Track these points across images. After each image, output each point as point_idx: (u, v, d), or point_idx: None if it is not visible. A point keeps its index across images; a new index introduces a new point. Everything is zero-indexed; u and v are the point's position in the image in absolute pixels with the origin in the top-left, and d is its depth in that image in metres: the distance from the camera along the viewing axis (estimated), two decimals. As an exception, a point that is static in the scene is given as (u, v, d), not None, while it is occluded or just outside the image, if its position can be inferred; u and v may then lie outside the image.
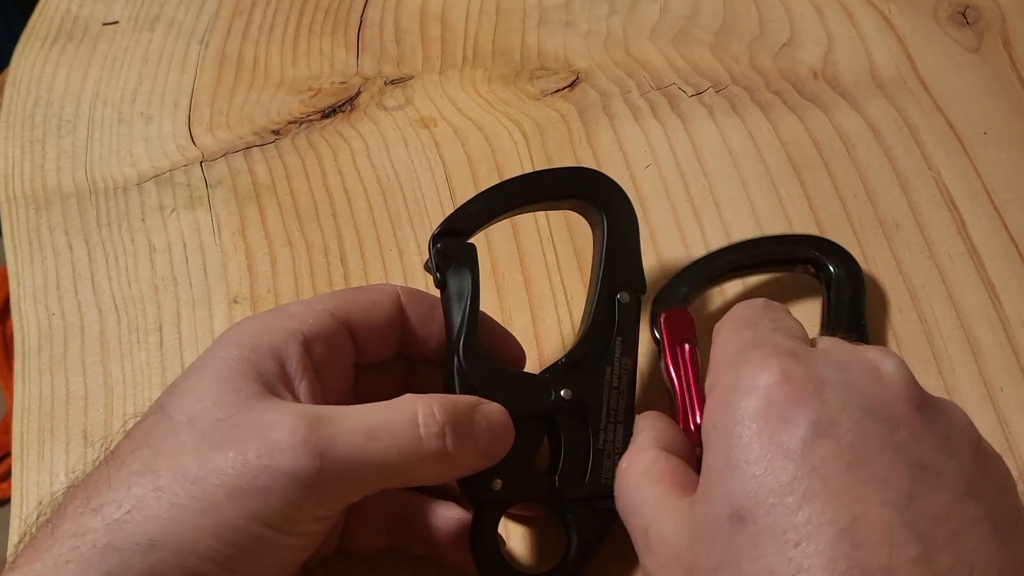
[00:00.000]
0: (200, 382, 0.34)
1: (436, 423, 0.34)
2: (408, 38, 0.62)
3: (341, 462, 0.32)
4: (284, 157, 0.56)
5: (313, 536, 0.34)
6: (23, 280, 0.53)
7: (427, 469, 0.34)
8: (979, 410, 0.43)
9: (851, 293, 0.44)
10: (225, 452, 0.32)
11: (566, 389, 0.38)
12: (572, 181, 0.42)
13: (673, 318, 0.42)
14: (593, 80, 0.57)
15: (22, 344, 0.50)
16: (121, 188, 0.56)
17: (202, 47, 0.63)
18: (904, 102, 0.53)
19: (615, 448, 0.38)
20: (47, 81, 0.62)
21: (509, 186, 0.41)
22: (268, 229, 0.53)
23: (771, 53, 0.57)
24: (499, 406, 0.37)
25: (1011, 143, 0.51)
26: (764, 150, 0.52)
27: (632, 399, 0.39)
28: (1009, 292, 0.46)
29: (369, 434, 0.33)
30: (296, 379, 0.35)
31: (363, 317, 0.38)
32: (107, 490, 0.31)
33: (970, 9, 0.57)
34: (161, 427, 0.33)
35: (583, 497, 0.38)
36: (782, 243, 0.47)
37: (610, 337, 0.39)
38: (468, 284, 0.38)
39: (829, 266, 0.45)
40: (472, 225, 0.40)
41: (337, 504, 0.33)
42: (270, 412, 0.33)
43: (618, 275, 0.40)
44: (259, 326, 0.36)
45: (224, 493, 0.31)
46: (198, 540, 0.30)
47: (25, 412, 0.48)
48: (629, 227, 0.41)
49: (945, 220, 0.49)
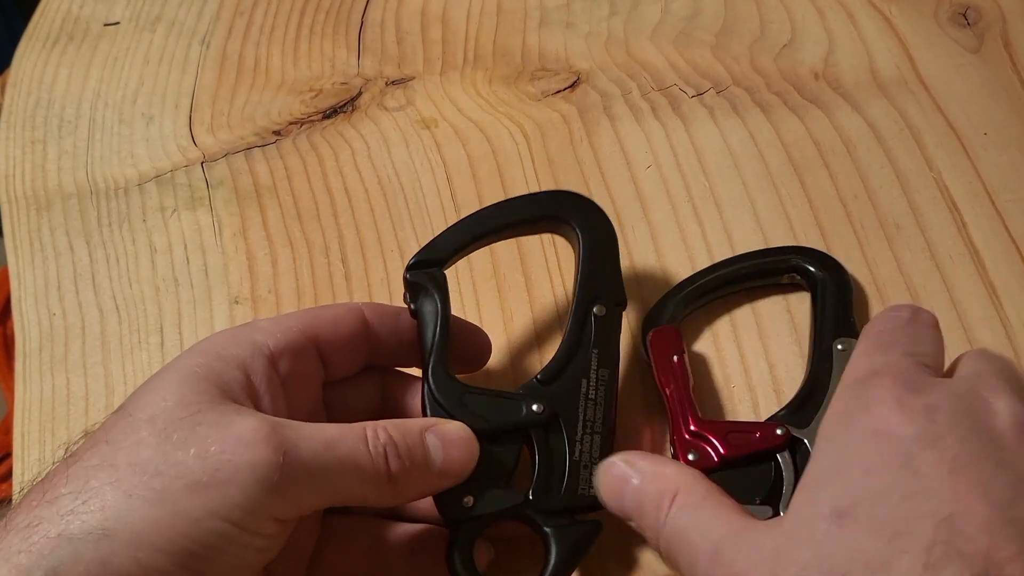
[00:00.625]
0: (163, 384, 0.34)
1: (381, 444, 0.34)
2: (409, 39, 0.62)
3: (302, 464, 0.32)
4: (285, 158, 0.56)
5: (270, 540, 0.33)
6: (24, 280, 0.53)
7: (381, 489, 0.35)
8: (980, 411, 0.43)
9: (836, 293, 0.45)
10: (186, 447, 0.32)
11: (538, 403, 0.39)
12: (544, 205, 0.43)
13: (660, 334, 0.43)
14: (594, 81, 0.57)
15: (23, 344, 0.50)
16: (122, 188, 0.56)
17: (203, 48, 0.63)
18: (905, 103, 0.53)
19: (592, 459, 0.39)
20: (48, 82, 0.63)
21: (482, 216, 0.42)
22: (269, 230, 0.53)
23: (772, 54, 0.57)
24: (458, 424, 0.37)
25: (1012, 144, 0.51)
26: (765, 151, 0.52)
27: (611, 409, 0.40)
28: (1010, 293, 0.46)
29: (327, 444, 0.33)
30: (261, 391, 0.35)
31: (330, 332, 0.38)
32: (63, 484, 0.31)
33: (971, 10, 0.57)
34: (121, 425, 0.33)
35: (559, 509, 0.38)
36: (766, 256, 0.47)
37: (587, 350, 0.40)
38: (437, 309, 0.39)
39: (813, 271, 0.46)
40: (444, 255, 0.41)
41: (295, 507, 0.33)
42: (232, 413, 0.33)
43: (595, 289, 0.41)
44: (226, 338, 0.36)
45: (183, 485, 0.31)
46: (153, 531, 0.30)
47: (26, 412, 0.48)
48: (605, 243, 0.42)
49: (946, 221, 0.49)
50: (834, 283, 0.45)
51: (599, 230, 0.42)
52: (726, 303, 0.47)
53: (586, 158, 0.53)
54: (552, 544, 0.37)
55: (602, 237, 0.42)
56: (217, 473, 0.31)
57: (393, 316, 0.40)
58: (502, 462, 0.38)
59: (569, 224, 0.42)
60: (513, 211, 0.43)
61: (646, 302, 0.46)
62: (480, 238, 0.42)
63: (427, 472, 0.36)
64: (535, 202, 0.43)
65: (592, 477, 0.38)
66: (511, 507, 0.38)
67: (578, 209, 0.43)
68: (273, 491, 0.32)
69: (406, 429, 0.36)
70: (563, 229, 0.43)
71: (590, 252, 0.42)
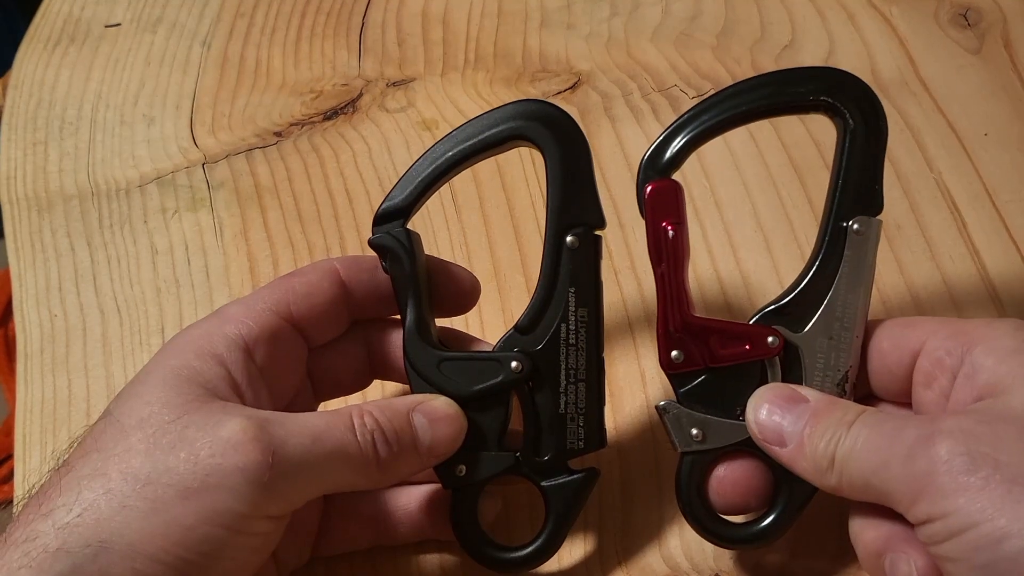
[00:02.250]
0: (147, 388, 0.34)
1: (368, 431, 0.34)
2: (410, 40, 0.62)
3: (291, 461, 0.32)
4: (286, 159, 0.56)
5: (265, 538, 0.34)
6: (25, 282, 0.53)
7: (370, 475, 0.35)
8: (981, 411, 0.43)
9: (867, 147, 0.37)
10: (176, 452, 0.32)
11: (517, 360, 0.37)
12: (503, 125, 0.38)
13: (658, 192, 0.37)
14: (595, 82, 0.57)
15: (24, 346, 0.50)
16: (123, 190, 0.56)
17: (204, 49, 0.63)
18: (905, 104, 0.53)
19: (578, 409, 0.38)
20: (49, 83, 0.63)
21: (439, 151, 0.38)
22: (270, 231, 0.53)
23: (773, 55, 0.57)
24: (444, 400, 0.37)
25: (1012, 144, 0.51)
26: (765, 152, 0.52)
27: (595, 352, 0.38)
28: (1010, 293, 0.46)
29: (315, 437, 0.33)
30: (243, 384, 0.35)
31: (304, 304, 0.38)
32: (57, 495, 0.31)
33: (971, 11, 0.57)
34: (110, 432, 0.33)
35: (548, 465, 0.38)
36: (789, 83, 0.38)
37: (564, 289, 0.37)
38: (406, 270, 0.37)
39: (846, 115, 0.37)
40: (408, 203, 0.38)
41: (288, 504, 0.34)
42: (219, 413, 0.33)
43: (568, 215, 0.37)
44: (200, 334, 0.36)
45: (175, 493, 0.31)
46: (148, 541, 0.30)
47: (27, 414, 0.48)
48: (576, 158, 0.37)
49: (946, 221, 0.49)
50: (866, 135, 0.37)
51: (567, 144, 0.37)
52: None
53: (587, 159, 0.53)
54: (549, 501, 0.38)
55: (571, 152, 0.37)
56: (208, 479, 0.31)
57: (370, 270, 0.39)
58: (490, 425, 0.38)
59: (534, 143, 0.38)
60: (470, 139, 0.38)
61: (648, 303, 0.46)
62: (441, 177, 0.38)
63: (415, 453, 0.36)
64: (493, 123, 0.38)
65: (580, 428, 0.38)
66: (504, 469, 0.38)
67: (540, 122, 0.37)
68: (264, 491, 0.32)
69: (392, 411, 0.35)
70: (529, 146, 0.38)
71: (558, 171, 0.37)
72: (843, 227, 0.36)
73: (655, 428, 0.43)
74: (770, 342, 0.36)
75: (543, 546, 0.38)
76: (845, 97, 0.37)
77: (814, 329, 0.36)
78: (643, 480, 0.42)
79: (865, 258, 0.36)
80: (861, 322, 0.36)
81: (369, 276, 0.39)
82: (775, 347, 0.36)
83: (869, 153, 0.37)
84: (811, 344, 0.36)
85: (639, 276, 0.48)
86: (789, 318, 0.37)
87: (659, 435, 0.43)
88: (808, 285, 0.37)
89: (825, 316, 0.36)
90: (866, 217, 0.36)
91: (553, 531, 0.38)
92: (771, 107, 0.38)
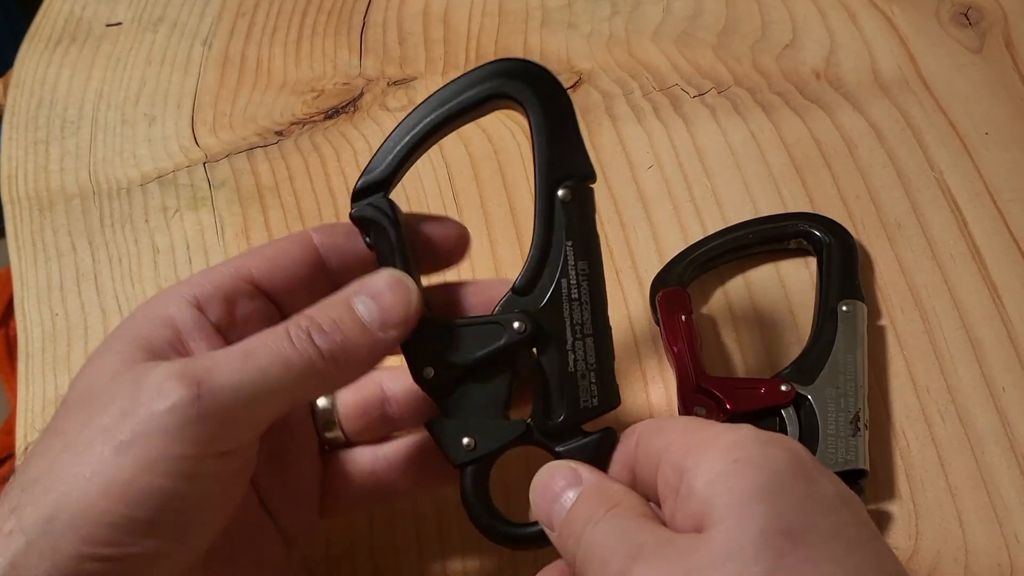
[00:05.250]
0: (93, 360, 0.34)
1: (303, 330, 0.33)
2: (411, 39, 0.62)
3: (223, 387, 0.31)
4: (287, 158, 0.56)
5: (223, 482, 0.32)
6: (27, 281, 0.53)
7: (323, 373, 0.33)
8: (981, 410, 0.43)
9: (842, 257, 0.46)
10: (107, 410, 0.31)
11: (519, 321, 0.35)
12: (481, 86, 0.36)
13: (668, 296, 0.44)
14: (596, 81, 0.57)
15: (25, 345, 0.51)
16: (125, 189, 0.56)
17: (205, 48, 0.63)
18: (906, 103, 0.53)
19: (589, 365, 0.36)
20: (51, 82, 0.63)
21: (418, 116, 0.37)
22: (271, 230, 0.53)
23: (773, 54, 0.57)
24: (386, 271, 0.35)
25: (1013, 143, 0.51)
26: (767, 151, 0.52)
27: (601, 304, 0.36)
28: (1011, 292, 0.46)
29: (246, 354, 0.32)
30: (193, 343, 0.34)
31: (267, 267, 0.36)
32: (14, 483, 0.31)
33: (972, 10, 0.57)
34: (60, 412, 0.33)
35: (563, 428, 0.36)
36: (773, 221, 0.48)
37: (560, 244, 0.36)
38: (392, 243, 0.36)
39: (819, 235, 0.47)
40: (387, 174, 0.36)
41: (236, 433, 0.32)
42: (149, 369, 0.32)
43: (557, 169, 0.36)
44: (155, 299, 0.35)
45: (110, 450, 0.30)
46: (91, 505, 0.29)
47: (28, 413, 0.48)
48: (559, 112, 0.36)
49: (947, 221, 0.49)
50: (839, 247, 0.46)
51: (549, 99, 0.36)
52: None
53: (588, 158, 0.53)
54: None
55: (554, 107, 0.36)
56: (137, 427, 0.30)
57: (345, 235, 0.37)
58: (496, 393, 0.36)
59: (514, 99, 0.36)
60: (449, 102, 0.36)
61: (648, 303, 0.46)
62: (420, 143, 0.37)
63: (366, 334, 0.34)
64: (472, 84, 0.36)
65: (592, 385, 0.36)
66: (515, 438, 0.36)
67: (521, 80, 0.36)
68: (199, 425, 0.30)
69: (328, 303, 0.34)
70: (511, 105, 0.37)
71: (543, 127, 0.36)
72: (833, 310, 0.44)
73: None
74: (783, 389, 0.41)
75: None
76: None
77: (821, 382, 0.42)
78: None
79: (856, 328, 0.43)
80: (862, 373, 0.42)
81: (344, 240, 0.37)
82: (788, 393, 0.41)
83: (846, 257, 0.46)
84: (820, 393, 0.41)
85: (640, 275, 0.48)
86: (798, 376, 0.42)
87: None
88: (811, 351, 0.43)
89: (830, 371, 0.42)
90: (852, 300, 0.44)
91: None
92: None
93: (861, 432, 0.40)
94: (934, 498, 0.41)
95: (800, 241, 0.48)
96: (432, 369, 0.35)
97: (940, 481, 0.41)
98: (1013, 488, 0.41)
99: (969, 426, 0.42)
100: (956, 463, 0.42)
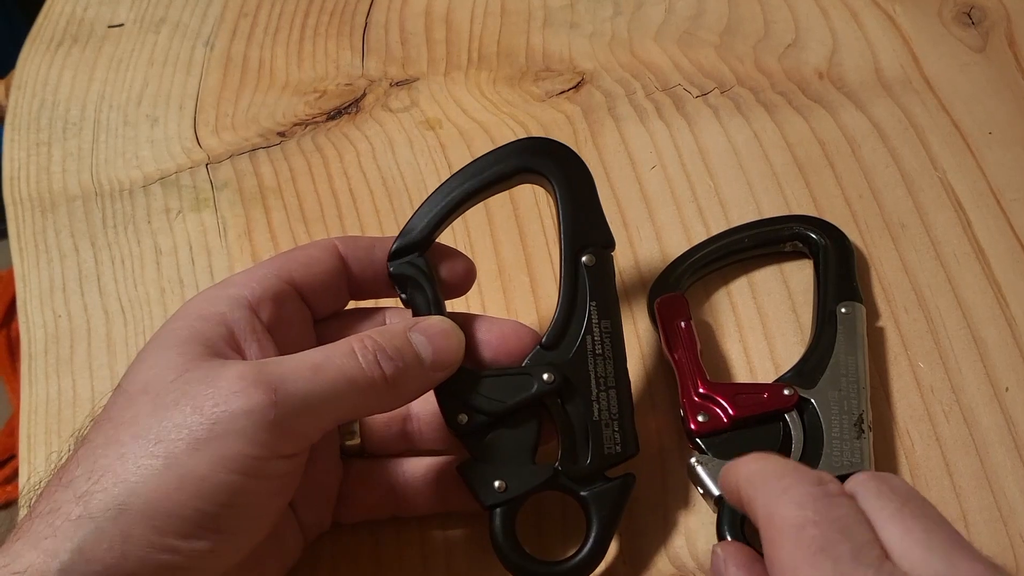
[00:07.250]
0: (150, 353, 0.35)
1: (370, 352, 0.35)
2: (413, 40, 0.62)
3: (294, 395, 0.33)
4: (289, 159, 0.56)
5: (282, 481, 0.34)
6: (29, 282, 0.53)
7: (380, 395, 0.35)
8: (985, 410, 0.43)
9: (838, 259, 0.46)
10: (181, 408, 0.32)
11: (548, 373, 0.38)
12: (512, 160, 0.41)
13: (666, 302, 0.44)
14: (598, 81, 0.57)
15: (28, 347, 0.51)
16: (127, 190, 0.56)
17: (207, 49, 0.63)
18: (909, 102, 0.53)
19: (611, 415, 0.39)
20: (52, 84, 0.63)
21: (451, 185, 0.40)
22: (274, 231, 0.53)
23: (776, 54, 0.57)
24: (439, 317, 0.38)
25: (1016, 143, 0.51)
26: (769, 151, 0.52)
27: (621, 360, 0.39)
28: (1015, 292, 0.46)
29: (315, 368, 0.34)
30: (245, 342, 0.36)
31: (304, 272, 0.38)
32: (76, 467, 0.32)
33: (975, 9, 0.57)
34: (119, 401, 0.34)
35: (588, 473, 0.38)
36: (768, 225, 0.48)
37: (584, 304, 0.39)
38: (428, 299, 0.39)
39: (816, 237, 0.47)
40: (423, 237, 0.39)
41: (300, 439, 0.34)
42: (218, 367, 0.33)
43: (581, 238, 0.40)
44: (204, 298, 0.37)
45: (185, 446, 0.31)
46: (165, 497, 0.31)
47: (32, 414, 0.48)
48: (582, 186, 0.41)
49: (951, 220, 0.49)
50: (836, 249, 0.46)
51: (573, 174, 0.40)
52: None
53: (590, 159, 0.53)
54: (592, 509, 0.38)
55: (577, 181, 0.40)
56: (215, 427, 0.32)
57: (367, 249, 0.40)
58: (524, 439, 0.38)
59: (540, 175, 0.40)
60: (481, 173, 0.40)
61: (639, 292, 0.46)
62: (455, 209, 0.40)
63: (420, 368, 0.36)
64: (502, 158, 0.41)
65: (616, 434, 0.39)
66: (543, 482, 0.38)
67: (547, 156, 0.41)
68: (273, 430, 0.32)
69: (390, 333, 0.36)
70: (537, 180, 0.41)
71: (568, 199, 0.40)
72: (832, 312, 0.44)
73: (660, 433, 0.43)
74: (786, 393, 0.41)
75: (589, 556, 0.38)
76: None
77: (823, 385, 0.41)
78: (648, 483, 0.42)
79: (856, 330, 0.43)
80: (864, 374, 0.42)
81: (365, 253, 0.40)
82: (791, 397, 0.41)
83: (842, 259, 0.46)
84: (823, 396, 0.41)
85: (642, 275, 0.48)
86: (800, 380, 0.42)
87: (664, 440, 0.43)
88: (812, 354, 0.43)
89: (831, 373, 0.42)
90: (850, 302, 0.44)
91: (598, 539, 0.38)
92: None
93: (865, 434, 0.40)
94: (939, 498, 0.41)
95: (796, 244, 0.47)
96: (466, 416, 0.38)
97: (945, 481, 0.41)
98: (1018, 488, 0.41)
99: (974, 426, 0.42)
100: (961, 463, 0.41)
